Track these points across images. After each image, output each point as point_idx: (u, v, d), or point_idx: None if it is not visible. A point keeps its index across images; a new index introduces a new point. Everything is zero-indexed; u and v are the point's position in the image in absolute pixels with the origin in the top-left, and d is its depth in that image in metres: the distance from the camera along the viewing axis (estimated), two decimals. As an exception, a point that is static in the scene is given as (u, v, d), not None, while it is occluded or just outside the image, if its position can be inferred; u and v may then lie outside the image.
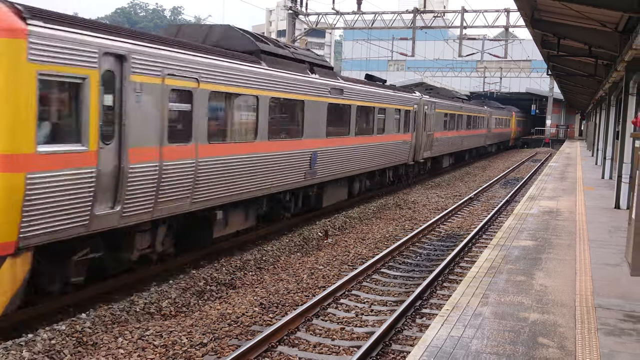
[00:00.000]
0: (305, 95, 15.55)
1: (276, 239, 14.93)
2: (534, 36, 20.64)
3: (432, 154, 30.09)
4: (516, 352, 6.36)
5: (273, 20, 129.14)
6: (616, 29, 14.95)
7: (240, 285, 11.34)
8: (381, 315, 10.04)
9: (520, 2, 14.86)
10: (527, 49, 63.97)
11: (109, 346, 8.10)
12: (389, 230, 16.97)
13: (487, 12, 38.28)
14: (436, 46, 71.72)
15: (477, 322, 7.24)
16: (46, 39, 8.01)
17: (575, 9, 13.40)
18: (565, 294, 8.53)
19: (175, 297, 10.12)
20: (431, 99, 29.71)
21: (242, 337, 8.80)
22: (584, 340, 6.75)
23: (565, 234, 13.02)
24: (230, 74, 12.18)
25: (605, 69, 22.82)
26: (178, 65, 10.53)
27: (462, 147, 37.90)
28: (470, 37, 44.32)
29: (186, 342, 8.38)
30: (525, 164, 45.22)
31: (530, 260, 10.57)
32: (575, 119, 77.20)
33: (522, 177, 33.82)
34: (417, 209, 21.06)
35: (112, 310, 9.20)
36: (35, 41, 7.85)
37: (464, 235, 16.67)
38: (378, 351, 8.33)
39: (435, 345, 6.49)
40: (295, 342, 8.70)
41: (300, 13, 39.66)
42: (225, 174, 12.19)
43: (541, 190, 21.07)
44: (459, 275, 12.47)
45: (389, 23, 41.10)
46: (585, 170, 29.14)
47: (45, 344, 7.77)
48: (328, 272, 12.43)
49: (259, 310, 9.87)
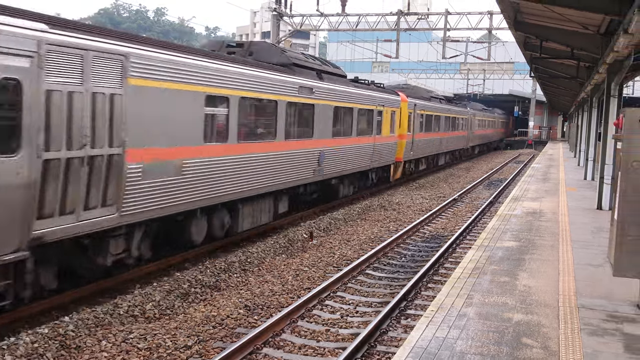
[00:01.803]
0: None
1: (261, 240, 14.90)
2: (517, 38, 20.82)
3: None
4: (500, 352, 6.39)
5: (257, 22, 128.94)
6: (598, 32, 15.12)
7: (225, 287, 11.30)
8: (366, 316, 10.05)
9: (503, 5, 14.98)
10: (510, 51, 64.32)
11: (92, 349, 8.03)
12: (374, 232, 17.00)
13: (470, 14, 38.56)
14: (420, 48, 71.93)
15: (461, 323, 7.27)
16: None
17: (558, 11, 13.52)
18: (549, 295, 8.59)
19: (159, 300, 10.06)
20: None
21: (226, 339, 8.77)
22: (567, 340, 6.80)
23: (548, 235, 13.12)
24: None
25: (587, 71, 23.05)
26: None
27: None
28: (453, 39, 44.58)
29: (170, 344, 8.33)
30: (508, 165, 45.51)
31: (514, 261, 10.63)
32: (558, 120, 77.85)
33: (506, 178, 34.03)
34: (401, 210, 21.12)
35: (96, 313, 9.13)
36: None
37: (448, 236, 16.74)
38: (363, 352, 8.34)
39: (420, 346, 6.51)
40: (281, 344, 8.69)
41: (284, 14, 39.65)
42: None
43: (524, 191, 21.22)
44: (443, 276, 12.52)
45: (373, 25, 41.24)
46: (568, 172, 29.39)
47: (28, 348, 7.69)
48: (313, 274, 12.43)
49: (244, 312, 9.84)
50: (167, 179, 10.99)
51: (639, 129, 7.61)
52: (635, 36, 11.03)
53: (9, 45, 7.77)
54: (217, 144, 12.64)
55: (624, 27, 10.88)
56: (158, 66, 10.58)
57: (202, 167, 12.07)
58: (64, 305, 9.59)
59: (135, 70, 9.98)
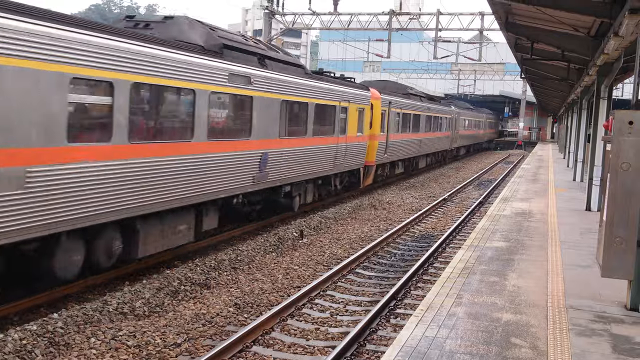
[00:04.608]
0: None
1: (251, 238, 14.89)
2: (508, 39, 20.90)
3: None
4: (489, 352, 6.42)
5: (249, 20, 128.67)
6: (588, 34, 15.20)
7: (214, 285, 11.29)
8: (356, 315, 10.07)
9: (494, 6, 15.04)
10: (501, 52, 64.64)
11: (81, 346, 8.00)
12: (364, 231, 17.02)
13: (462, 15, 38.72)
14: (412, 48, 72.20)
15: (451, 322, 7.30)
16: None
17: (549, 13, 13.59)
18: (538, 295, 8.64)
19: (149, 297, 10.03)
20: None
21: (216, 337, 8.76)
22: (556, 340, 6.84)
23: (537, 236, 13.19)
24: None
25: (577, 73, 23.19)
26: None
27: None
28: (445, 39, 44.72)
29: (160, 342, 8.32)
30: (498, 166, 45.70)
31: (503, 261, 10.69)
32: (548, 121, 78.28)
33: (495, 178, 34.17)
34: (391, 209, 21.16)
35: (85, 310, 9.09)
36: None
37: (438, 236, 16.79)
38: (353, 351, 8.35)
39: (410, 345, 6.53)
40: (270, 343, 8.69)
41: (276, 13, 39.62)
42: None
43: (514, 192, 21.31)
44: (433, 275, 12.56)
45: (365, 24, 41.31)
46: (557, 173, 29.54)
47: (16, 344, 7.64)
48: (303, 272, 12.44)
49: (234, 311, 9.84)
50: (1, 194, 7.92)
51: (628, 131, 7.66)
52: (626, 39, 11.11)
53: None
54: (91, 144, 9.41)
55: (615, 29, 10.95)
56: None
57: (61, 177, 8.79)
58: (53, 302, 9.55)
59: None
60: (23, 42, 8.00)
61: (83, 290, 10.24)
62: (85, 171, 9.19)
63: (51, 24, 8.52)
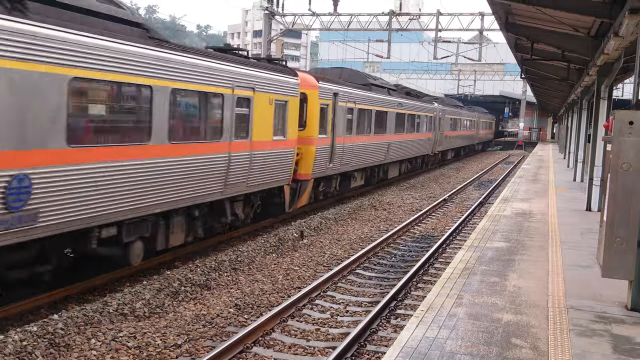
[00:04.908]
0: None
1: (251, 239, 14.89)
2: (508, 40, 20.91)
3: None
4: (490, 352, 6.42)
5: (249, 20, 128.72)
6: (588, 34, 15.20)
7: (215, 286, 11.28)
8: (356, 316, 10.07)
9: (494, 6, 15.04)
10: (501, 53, 64.60)
11: (81, 347, 8.00)
12: (364, 231, 17.02)
13: (462, 15, 38.79)
14: (412, 48, 72.14)
15: (451, 323, 7.30)
16: None
17: (549, 13, 13.59)
18: (538, 295, 8.63)
19: (149, 298, 10.02)
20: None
21: (216, 338, 8.76)
22: (557, 341, 6.84)
23: (537, 236, 13.18)
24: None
25: (577, 73, 23.19)
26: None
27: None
28: (445, 39, 44.72)
29: (160, 343, 8.32)
30: (498, 166, 45.71)
31: (504, 261, 10.68)
32: (548, 122, 78.28)
33: (496, 179, 34.16)
34: (392, 210, 21.16)
35: (85, 311, 9.09)
36: None
37: (438, 236, 16.78)
38: (353, 352, 8.35)
39: (410, 346, 6.52)
40: (271, 343, 8.69)
41: (276, 13, 39.67)
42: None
43: (514, 192, 21.31)
44: (433, 276, 12.55)
45: (365, 25, 41.34)
46: (557, 173, 29.53)
47: (17, 345, 7.64)
48: (303, 273, 12.44)
49: (234, 311, 9.83)
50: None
51: (628, 131, 7.66)
52: (626, 39, 11.11)
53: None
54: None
55: (615, 29, 10.95)
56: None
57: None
58: (53, 304, 9.55)
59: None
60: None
61: (83, 291, 10.24)
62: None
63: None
